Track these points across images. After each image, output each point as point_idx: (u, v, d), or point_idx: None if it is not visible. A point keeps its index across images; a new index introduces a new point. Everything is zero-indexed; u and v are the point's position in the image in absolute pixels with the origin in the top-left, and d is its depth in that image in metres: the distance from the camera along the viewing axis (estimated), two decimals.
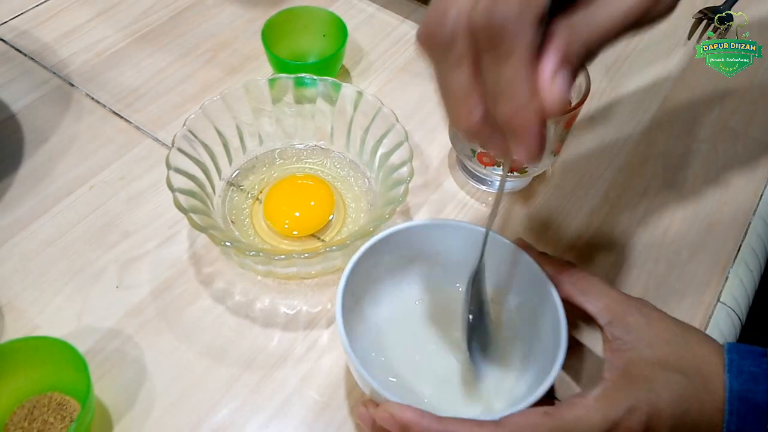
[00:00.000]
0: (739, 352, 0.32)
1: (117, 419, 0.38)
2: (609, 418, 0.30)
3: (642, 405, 0.30)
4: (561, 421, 0.30)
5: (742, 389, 0.31)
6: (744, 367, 0.32)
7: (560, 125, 0.45)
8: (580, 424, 0.30)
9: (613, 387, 0.31)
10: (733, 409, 0.31)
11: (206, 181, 0.45)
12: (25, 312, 0.42)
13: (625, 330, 0.33)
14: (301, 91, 0.49)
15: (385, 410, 0.31)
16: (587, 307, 0.35)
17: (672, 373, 0.32)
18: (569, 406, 0.31)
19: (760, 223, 0.50)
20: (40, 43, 0.59)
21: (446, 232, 0.40)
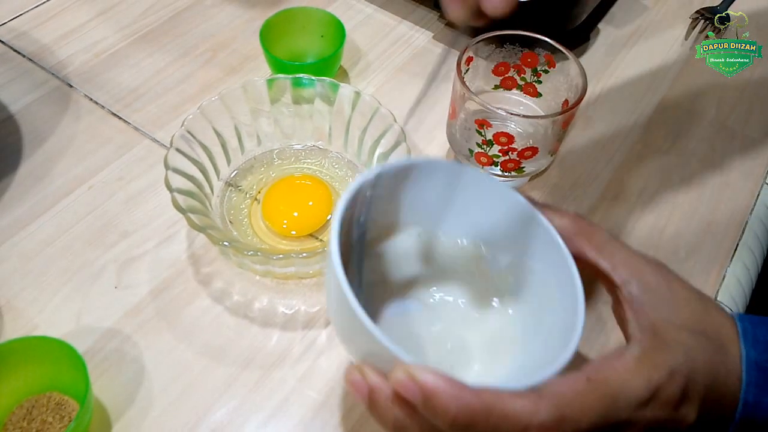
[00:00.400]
0: (751, 321, 0.30)
1: (116, 419, 0.38)
2: (652, 383, 0.27)
3: (682, 369, 0.28)
4: (607, 388, 0.27)
5: (760, 358, 0.29)
6: (759, 336, 0.30)
7: (558, 125, 0.45)
8: (626, 389, 0.27)
9: (651, 348, 0.28)
10: (751, 379, 0.29)
11: (204, 182, 0.45)
12: (24, 312, 0.43)
13: (644, 289, 0.30)
14: (299, 91, 0.49)
15: (404, 372, 0.25)
16: (600, 263, 0.31)
17: (700, 337, 0.29)
18: (610, 369, 0.27)
19: (757, 222, 0.51)
20: (39, 44, 0.59)
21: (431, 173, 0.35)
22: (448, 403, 0.25)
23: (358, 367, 0.28)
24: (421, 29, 0.63)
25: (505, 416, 0.25)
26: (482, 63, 0.50)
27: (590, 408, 0.26)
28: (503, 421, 0.25)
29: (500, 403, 0.25)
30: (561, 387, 0.26)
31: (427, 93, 0.40)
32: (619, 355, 0.28)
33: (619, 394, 0.27)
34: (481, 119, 0.45)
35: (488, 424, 0.25)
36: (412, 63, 0.60)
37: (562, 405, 0.26)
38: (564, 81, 0.48)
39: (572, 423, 0.25)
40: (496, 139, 0.46)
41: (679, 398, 0.27)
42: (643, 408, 0.27)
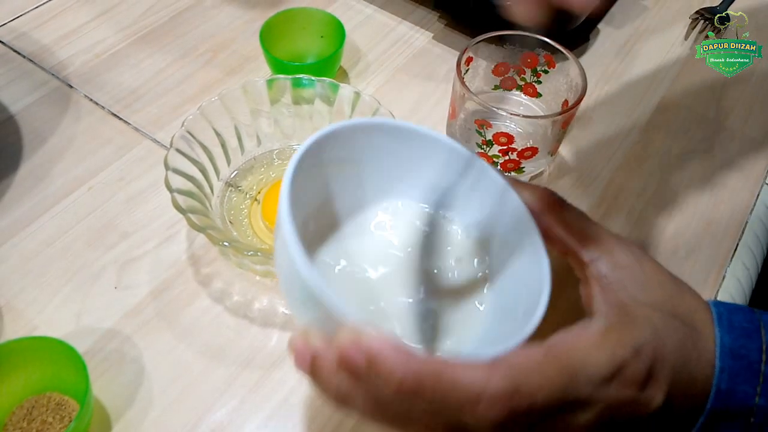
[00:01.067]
0: (726, 307, 0.29)
1: (116, 419, 0.38)
2: (616, 359, 0.25)
3: (649, 347, 0.26)
4: (567, 361, 0.25)
5: (735, 345, 0.27)
6: (735, 322, 0.28)
7: (557, 125, 0.45)
8: (588, 365, 0.25)
9: (617, 323, 0.27)
10: (724, 365, 0.27)
11: (204, 182, 0.46)
12: (24, 312, 0.43)
13: (614, 267, 0.29)
14: (299, 91, 0.49)
15: (349, 334, 0.23)
16: (569, 240, 0.30)
17: (671, 318, 0.28)
18: (572, 342, 0.26)
19: (756, 222, 0.51)
20: (39, 44, 0.59)
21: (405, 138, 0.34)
22: (394, 368, 0.23)
23: (301, 332, 0.26)
24: (420, 30, 0.63)
25: (455, 385, 0.23)
26: (482, 63, 0.50)
27: (547, 381, 0.24)
28: (452, 389, 0.23)
29: (450, 371, 0.23)
30: (517, 358, 0.25)
31: (426, 94, 0.40)
32: (583, 329, 0.27)
33: (580, 368, 0.25)
34: (481, 119, 0.45)
35: (436, 392, 0.23)
36: (412, 63, 0.60)
37: (516, 376, 0.24)
38: (564, 81, 0.48)
39: (527, 396, 0.24)
40: (496, 140, 0.46)
41: (644, 377, 0.26)
42: (606, 385, 0.25)
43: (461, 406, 0.23)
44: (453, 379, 0.23)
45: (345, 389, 0.24)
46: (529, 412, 0.24)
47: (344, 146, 0.33)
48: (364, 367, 0.23)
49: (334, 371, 0.24)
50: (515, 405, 0.23)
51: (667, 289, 0.29)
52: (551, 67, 0.48)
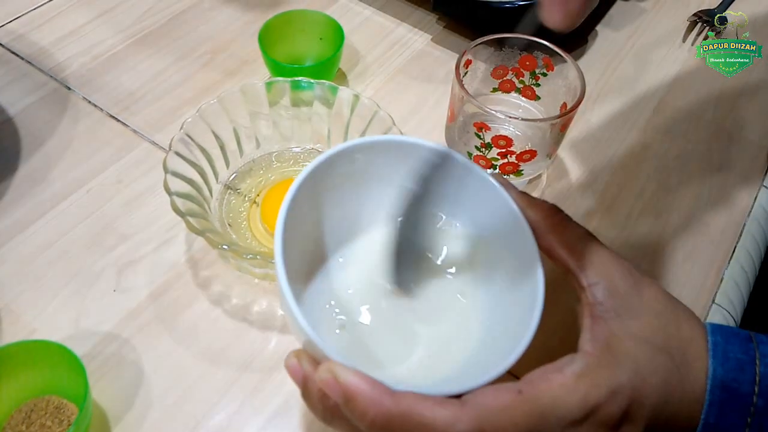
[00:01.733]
0: (723, 335, 0.29)
1: (114, 422, 0.38)
2: (589, 402, 0.26)
3: (625, 389, 0.26)
4: (536, 404, 0.25)
5: (727, 377, 0.28)
6: (730, 353, 0.28)
7: (556, 128, 0.46)
8: (558, 407, 0.25)
9: (595, 363, 0.27)
10: (714, 399, 0.27)
11: (203, 185, 0.45)
12: (23, 315, 0.42)
13: (611, 294, 0.29)
14: (297, 94, 0.49)
15: (328, 371, 0.26)
16: (569, 262, 0.30)
17: (658, 353, 0.28)
18: (545, 383, 0.26)
19: (754, 224, 0.51)
20: (37, 46, 0.59)
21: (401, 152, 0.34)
22: (366, 407, 0.25)
23: (296, 353, 0.28)
24: (419, 32, 0.63)
25: (423, 424, 0.24)
26: (481, 66, 0.50)
27: (514, 424, 0.25)
28: (421, 428, 0.24)
29: (419, 409, 0.25)
30: (487, 398, 0.25)
31: (425, 96, 0.40)
32: (559, 370, 0.27)
33: (549, 411, 0.25)
34: (480, 122, 0.45)
35: (404, 429, 0.25)
36: (411, 66, 0.60)
37: (484, 417, 0.25)
38: (562, 84, 0.48)
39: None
40: (495, 142, 0.46)
41: (618, 419, 0.26)
42: (577, 426, 0.26)
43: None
44: (421, 417, 0.25)
45: (329, 415, 0.27)
46: None
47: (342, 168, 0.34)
48: (342, 401, 0.25)
49: (319, 398, 0.27)
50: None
51: (663, 319, 0.29)
52: (550, 69, 0.49)
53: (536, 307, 0.29)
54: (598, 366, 0.27)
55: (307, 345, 0.28)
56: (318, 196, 0.34)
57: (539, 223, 0.31)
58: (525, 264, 0.31)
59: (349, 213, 0.36)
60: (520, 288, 0.31)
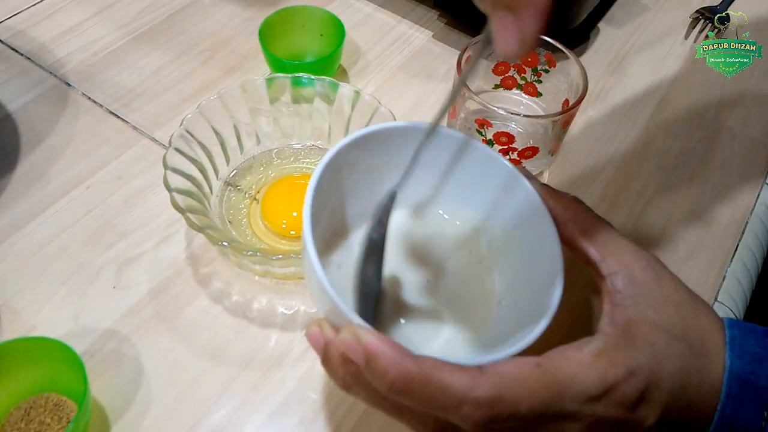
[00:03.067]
0: (740, 329, 0.29)
1: (114, 420, 0.38)
2: (607, 380, 0.26)
3: (643, 370, 0.27)
4: (554, 377, 0.26)
5: (744, 370, 0.28)
6: (747, 347, 0.28)
7: (558, 125, 0.45)
8: (576, 383, 0.26)
9: (614, 345, 0.27)
10: (731, 391, 0.28)
11: (203, 181, 0.45)
12: (22, 312, 0.42)
13: (630, 283, 0.29)
14: (298, 90, 0.49)
15: (350, 333, 0.26)
16: (590, 251, 0.30)
17: (676, 341, 0.28)
18: (564, 359, 0.27)
19: (757, 222, 0.51)
20: (37, 42, 0.59)
21: None
22: (387, 367, 0.25)
23: (318, 321, 0.28)
24: (420, 28, 0.63)
25: (442, 387, 0.25)
26: (483, 62, 0.49)
27: (532, 393, 0.25)
28: (440, 391, 0.25)
29: (439, 373, 0.25)
30: (506, 367, 0.26)
31: (426, 93, 0.40)
32: (578, 347, 0.27)
33: (567, 385, 0.26)
34: (482, 119, 0.45)
35: (424, 392, 0.25)
36: (412, 62, 0.60)
37: (502, 385, 0.25)
38: (564, 81, 0.48)
39: (509, 405, 0.25)
40: (497, 139, 0.45)
41: (635, 399, 0.26)
42: (593, 403, 0.26)
43: (446, 408, 0.25)
44: (441, 381, 0.25)
45: (349, 379, 0.27)
46: (510, 419, 0.25)
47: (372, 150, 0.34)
48: (363, 363, 0.25)
49: (340, 362, 0.27)
50: (497, 412, 0.25)
51: (682, 310, 0.29)
52: (552, 66, 0.48)
53: (556, 291, 0.29)
54: (617, 347, 0.27)
55: (330, 313, 0.28)
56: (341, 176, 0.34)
57: (560, 213, 0.32)
58: (546, 251, 0.31)
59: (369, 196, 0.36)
60: (540, 274, 0.32)
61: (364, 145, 0.33)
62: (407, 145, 0.33)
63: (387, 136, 0.34)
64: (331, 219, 0.35)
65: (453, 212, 0.37)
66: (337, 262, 0.35)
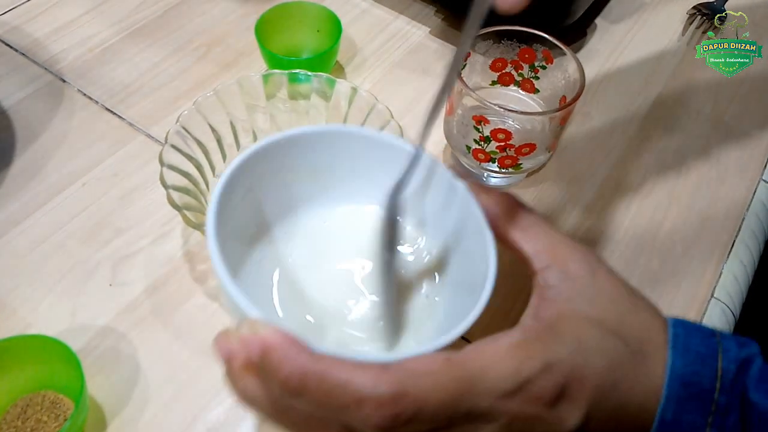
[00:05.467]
0: (685, 328, 0.27)
1: (111, 417, 0.38)
2: (521, 373, 0.24)
3: (563, 365, 0.25)
4: (464, 371, 0.24)
5: (686, 371, 0.26)
6: (691, 346, 0.26)
7: (555, 121, 0.45)
8: (488, 376, 0.24)
9: (533, 337, 0.25)
10: (672, 393, 0.25)
11: (200, 178, 0.45)
12: (18, 310, 0.42)
13: (564, 278, 0.27)
14: (295, 86, 0.49)
15: (248, 326, 0.24)
16: (523, 246, 0.28)
17: (610, 337, 0.26)
18: (477, 352, 0.25)
19: (753, 218, 0.51)
20: (32, 38, 0.59)
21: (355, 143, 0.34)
22: (281, 361, 0.23)
23: (225, 330, 0.25)
24: (417, 24, 0.63)
25: (340, 384, 0.23)
26: (480, 59, 0.49)
27: (439, 388, 0.23)
28: (338, 389, 0.23)
29: (338, 370, 0.23)
30: (413, 363, 0.24)
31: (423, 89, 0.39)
32: (494, 340, 0.25)
33: (479, 379, 0.24)
34: (479, 115, 0.45)
35: (320, 390, 0.23)
36: (409, 58, 0.60)
37: (406, 381, 0.23)
38: (562, 77, 0.48)
39: (414, 402, 0.23)
40: (494, 136, 0.45)
41: (553, 395, 0.24)
42: (508, 399, 0.24)
43: (344, 408, 0.23)
44: (339, 379, 0.23)
45: (250, 390, 0.25)
46: (416, 419, 0.23)
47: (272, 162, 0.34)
48: (258, 357, 0.23)
49: (242, 371, 0.25)
50: (400, 410, 0.23)
51: (620, 305, 0.27)
52: (549, 62, 0.48)
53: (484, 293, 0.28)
54: (536, 340, 0.25)
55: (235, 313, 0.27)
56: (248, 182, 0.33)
57: (493, 208, 0.30)
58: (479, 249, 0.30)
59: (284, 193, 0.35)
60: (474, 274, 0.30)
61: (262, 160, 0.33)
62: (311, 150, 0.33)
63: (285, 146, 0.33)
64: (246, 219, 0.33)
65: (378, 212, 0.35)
66: (257, 259, 0.33)
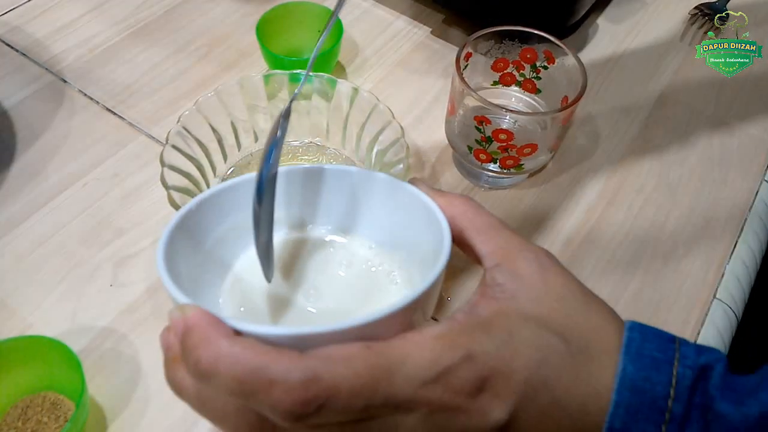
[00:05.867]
0: (642, 332, 0.26)
1: (111, 419, 0.38)
2: (441, 362, 0.24)
3: (487, 356, 0.24)
4: (382, 358, 0.23)
5: (638, 376, 0.24)
6: (645, 351, 0.25)
7: (557, 122, 0.45)
8: (408, 364, 0.24)
9: (459, 329, 0.25)
10: (621, 400, 0.24)
11: (201, 179, 0.45)
12: (18, 311, 0.42)
13: (511, 276, 0.27)
14: (296, 86, 0.49)
15: (178, 309, 0.25)
16: (477, 245, 0.28)
17: (549, 335, 0.25)
18: (399, 340, 0.24)
19: (755, 219, 0.51)
20: (33, 38, 0.59)
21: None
22: (198, 342, 0.23)
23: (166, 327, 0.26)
24: (419, 24, 0.63)
25: (253, 369, 0.22)
26: (481, 59, 0.49)
27: (354, 374, 0.23)
28: (249, 373, 0.22)
29: (252, 353, 0.23)
30: (330, 349, 0.23)
31: (424, 89, 0.39)
32: (420, 330, 0.25)
33: (397, 367, 0.23)
34: (480, 116, 0.45)
35: (231, 373, 0.23)
36: (411, 59, 0.60)
37: (322, 366, 0.23)
38: (563, 77, 0.48)
39: (327, 388, 0.22)
40: (495, 136, 0.45)
41: (473, 387, 0.24)
42: (428, 388, 0.23)
43: (255, 393, 0.22)
44: (252, 363, 0.23)
45: (179, 379, 0.25)
46: (328, 406, 0.22)
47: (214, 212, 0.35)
48: (180, 337, 0.24)
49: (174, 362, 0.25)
50: (311, 396, 0.22)
51: (567, 305, 0.27)
52: (550, 62, 0.48)
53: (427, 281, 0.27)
54: (461, 332, 0.25)
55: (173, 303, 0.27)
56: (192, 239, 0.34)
57: (448, 210, 0.30)
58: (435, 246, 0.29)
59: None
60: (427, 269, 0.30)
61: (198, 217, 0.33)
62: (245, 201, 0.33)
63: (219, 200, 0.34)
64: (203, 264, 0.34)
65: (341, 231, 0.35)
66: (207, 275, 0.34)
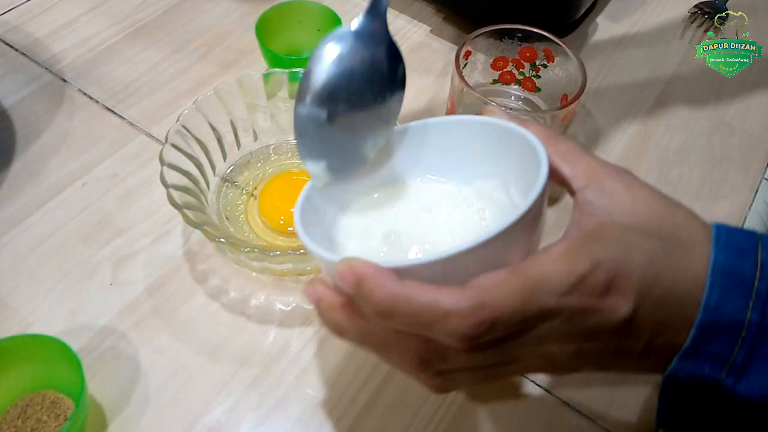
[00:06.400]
0: (728, 229, 0.30)
1: (111, 417, 0.38)
2: (575, 272, 0.27)
3: (609, 262, 0.28)
4: (527, 278, 0.27)
5: (728, 263, 0.28)
6: (732, 242, 0.29)
7: (557, 120, 0.45)
8: (548, 279, 0.27)
9: (579, 244, 0.29)
10: (715, 281, 0.28)
11: (200, 177, 0.45)
12: (18, 310, 0.42)
13: (601, 194, 0.30)
14: (295, 86, 0.49)
15: (345, 263, 0.28)
16: (563, 169, 0.32)
17: (647, 237, 0.29)
18: (534, 261, 0.28)
19: (755, 217, 0.51)
20: (32, 38, 0.59)
21: None
22: (373, 288, 0.27)
23: (312, 280, 0.31)
24: (418, 23, 0.63)
25: (427, 304, 0.26)
26: (481, 57, 0.49)
27: (511, 294, 0.27)
28: (425, 308, 0.26)
29: (423, 292, 0.27)
30: (483, 279, 0.27)
31: (424, 89, 0.39)
32: (546, 250, 0.29)
33: (540, 282, 0.27)
34: (480, 114, 0.45)
35: (409, 310, 0.26)
36: (410, 57, 0.60)
37: (482, 294, 0.27)
38: (563, 75, 0.48)
39: (492, 309, 0.26)
40: None
41: (604, 288, 0.28)
42: (568, 296, 0.27)
43: (432, 323, 0.26)
44: (425, 299, 0.26)
45: (338, 321, 0.29)
46: (495, 324, 0.26)
47: None
48: (354, 287, 0.27)
49: (330, 309, 0.29)
50: (481, 319, 0.26)
51: (654, 209, 0.30)
52: (550, 61, 0.48)
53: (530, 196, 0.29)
54: (582, 245, 0.29)
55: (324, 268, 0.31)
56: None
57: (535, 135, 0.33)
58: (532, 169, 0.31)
59: None
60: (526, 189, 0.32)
61: None
62: None
63: None
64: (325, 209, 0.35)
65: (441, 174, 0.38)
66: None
